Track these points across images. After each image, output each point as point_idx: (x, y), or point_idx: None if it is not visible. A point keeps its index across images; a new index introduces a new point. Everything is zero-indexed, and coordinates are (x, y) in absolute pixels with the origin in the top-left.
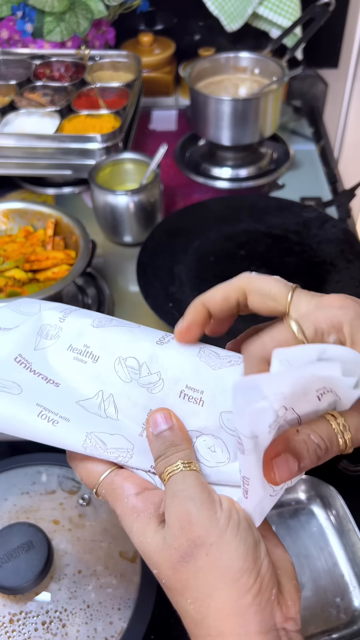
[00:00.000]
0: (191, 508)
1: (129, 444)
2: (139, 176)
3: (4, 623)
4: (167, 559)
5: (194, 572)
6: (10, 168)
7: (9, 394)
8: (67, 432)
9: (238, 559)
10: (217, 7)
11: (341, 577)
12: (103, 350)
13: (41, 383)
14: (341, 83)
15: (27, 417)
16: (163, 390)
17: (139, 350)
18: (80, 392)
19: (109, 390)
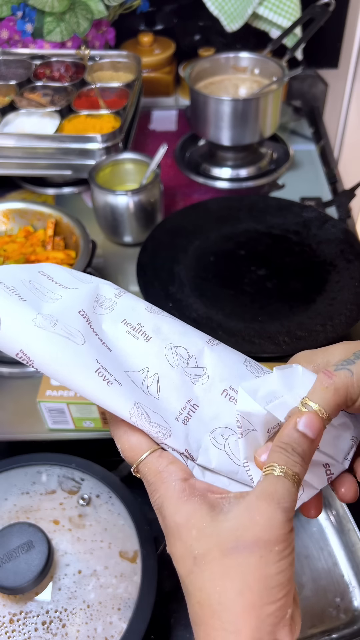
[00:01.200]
0: (279, 516)
1: (167, 425)
2: (139, 176)
3: (4, 623)
4: (222, 542)
5: (240, 564)
6: (10, 168)
7: (73, 342)
8: (118, 396)
9: (280, 574)
10: (217, 7)
11: (341, 577)
12: (156, 333)
13: (98, 342)
14: (341, 83)
15: (86, 370)
16: (206, 384)
17: (190, 343)
18: (128, 363)
19: (155, 369)
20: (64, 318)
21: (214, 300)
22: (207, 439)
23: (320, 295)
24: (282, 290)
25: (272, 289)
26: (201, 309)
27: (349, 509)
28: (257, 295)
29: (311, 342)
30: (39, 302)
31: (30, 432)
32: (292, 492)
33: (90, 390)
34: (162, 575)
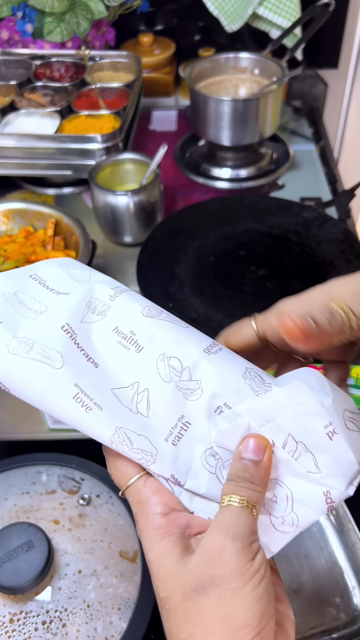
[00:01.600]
0: (228, 546)
1: (153, 448)
2: (139, 176)
3: (4, 623)
4: (182, 585)
5: (200, 607)
6: (11, 168)
7: (49, 366)
8: (99, 422)
9: (245, 613)
10: (217, 8)
11: (341, 577)
12: (149, 342)
13: (82, 359)
14: (341, 83)
15: (62, 397)
16: (200, 400)
17: (184, 353)
18: (116, 379)
19: (145, 384)
20: (43, 338)
21: (214, 300)
22: (198, 460)
23: None
24: (282, 290)
25: (272, 289)
26: (201, 309)
27: (349, 509)
28: (257, 296)
29: None
30: (18, 321)
31: (30, 432)
32: (241, 518)
33: (69, 417)
34: None
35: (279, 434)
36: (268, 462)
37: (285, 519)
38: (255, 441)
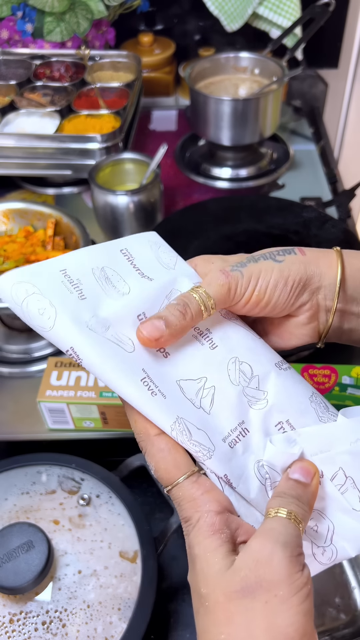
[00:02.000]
0: (278, 551)
1: (211, 444)
2: (139, 176)
3: (4, 623)
4: (226, 584)
5: (244, 610)
6: (11, 168)
7: (122, 349)
8: (161, 408)
9: (291, 625)
10: (217, 7)
11: (341, 577)
12: (223, 342)
13: (152, 349)
14: (341, 83)
15: (131, 378)
16: (264, 410)
17: (257, 361)
18: (184, 371)
19: (212, 382)
20: (119, 323)
21: None
22: (250, 468)
23: None
24: None
25: None
26: None
27: None
28: None
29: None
30: (101, 299)
31: (30, 432)
32: (289, 528)
33: (134, 399)
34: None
35: (330, 466)
36: (315, 487)
37: (325, 549)
38: (305, 466)
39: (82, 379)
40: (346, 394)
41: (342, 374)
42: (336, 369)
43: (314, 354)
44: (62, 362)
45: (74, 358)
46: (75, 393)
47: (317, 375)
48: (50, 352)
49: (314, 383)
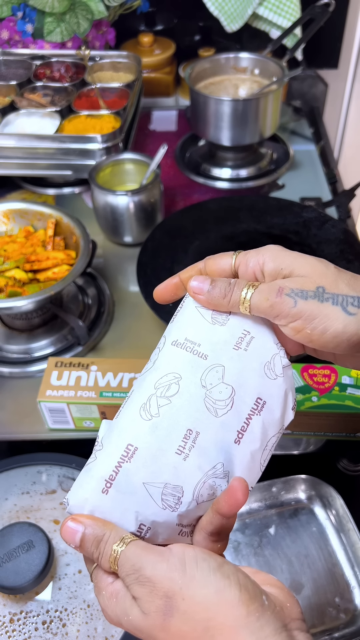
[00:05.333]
0: (146, 572)
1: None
2: (139, 176)
3: (4, 623)
4: (153, 625)
5: (182, 620)
6: (11, 168)
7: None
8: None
9: (210, 584)
10: (217, 8)
11: (341, 577)
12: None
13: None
14: (341, 83)
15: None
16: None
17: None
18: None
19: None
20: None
21: None
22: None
23: None
24: None
25: None
26: None
27: (348, 509)
28: None
29: None
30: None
31: (30, 432)
32: (137, 550)
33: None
34: None
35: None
36: (89, 517)
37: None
38: (70, 522)
39: (82, 379)
40: (346, 393)
41: (342, 374)
42: (336, 369)
43: None
44: (62, 362)
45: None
46: (75, 393)
47: (317, 375)
48: (50, 352)
49: (314, 383)
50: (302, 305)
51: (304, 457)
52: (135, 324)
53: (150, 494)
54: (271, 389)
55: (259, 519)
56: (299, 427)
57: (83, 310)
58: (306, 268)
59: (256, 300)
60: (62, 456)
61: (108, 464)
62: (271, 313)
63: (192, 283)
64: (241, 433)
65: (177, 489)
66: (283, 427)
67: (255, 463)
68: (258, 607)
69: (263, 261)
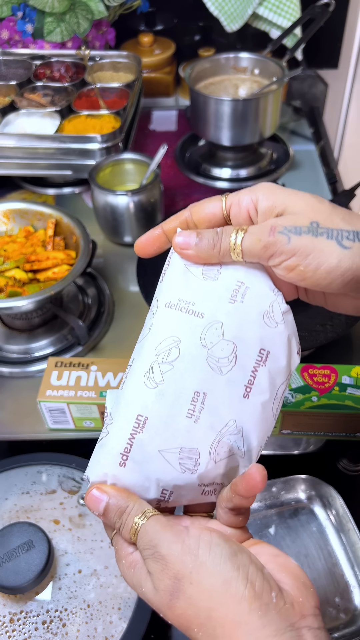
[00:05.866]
0: (162, 550)
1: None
2: (139, 176)
3: (4, 622)
4: (161, 602)
5: (187, 603)
6: (11, 168)
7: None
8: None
9: (219, 573)
10: (217, 8)
11: (341, 577)
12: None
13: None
14: (341, 83)
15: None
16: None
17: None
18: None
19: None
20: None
21: None
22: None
23: None
24: None
25: None
26: None
27: (348, 508)
28: None
29: (311, 342)
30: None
31: (30, 432)
32: (156, 526)
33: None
34: None
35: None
36: (113, 488)
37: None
38: (95, 490)
39: (82, 379)
40: (346, 393)
41: (342, 374)
42: (336, 369)
43: (314, 353)
44: (62, 362)
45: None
46: (75, 393)
47: (317, 375)
48: (50, 352)
49: (314, 383)
50: (295, 241)
51: (304, 457)
52: (135, 324)
53: (167, 460)
54: (273, 338)
55: (259, 518)
56: (299, 427)
57: (83, 310)
58: (300, 204)
59: (248, 243)
60: (62, 456)
61: (121, 437)
62: (265, 254)
63: (177, 239)
64: (249, 387)
65: (193, 451)
66: (291, 373)
67: (267, 414)
68: (262, 605)
69: (257, 199)
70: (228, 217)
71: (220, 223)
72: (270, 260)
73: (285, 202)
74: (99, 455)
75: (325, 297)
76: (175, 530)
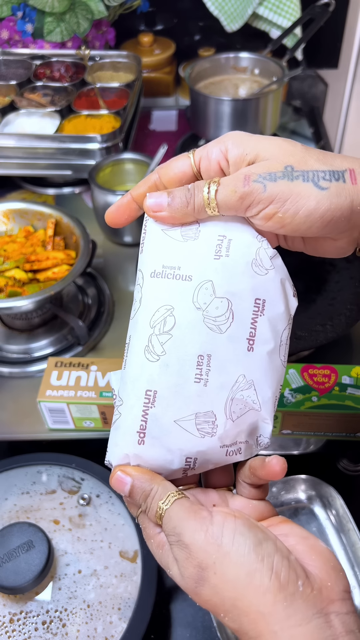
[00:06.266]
0: (185, 539)
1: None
2: (139, 176)
3: (4, 623)
4: (187, 588)
5: (212, 592)
6: (11, 168)
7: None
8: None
9: (243, 565)
10: (217, 8)
11: None
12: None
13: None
14: (341, 83)
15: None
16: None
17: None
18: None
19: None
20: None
21: None
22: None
23: (320, 296)
24: None
25: None
26: None
27: (348, 508)
28: None
29: (311, 342)
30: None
31: (30, 432)
32: (181, 511)
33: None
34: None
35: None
36: (136, 470)
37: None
38: (119, 473)
39: (82, 379)
40: (346, 393)
41: (342, 374)
42: (336, 368)
43: (314, 353)
44: (62, 362)
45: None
46: (75, 393)
47: (317, 375)
48: (50, 352)
49: (314, 383)
50: (271, 188)
51: (304, 457)
52: None
53: (185, 428)
54: (266, 285)
55: None
56: (299, 427)
57: (83, 310)
58: (271, 149)
59: (222, 195)
60: (62, 456)
61: (134, 415)
62: (241, 206)
63: (148, 202)
64: (251, 339)
65: (209, 414)
66: (291, 317)
67: (275, 362)
68: (287, 595)
69: (226, 148)
70: (199, 172)
71: (191, 181)
72: (247, 211)
73: (256, 148)
74: (115, 438)
75: (305, 242)
76: (198, 517)
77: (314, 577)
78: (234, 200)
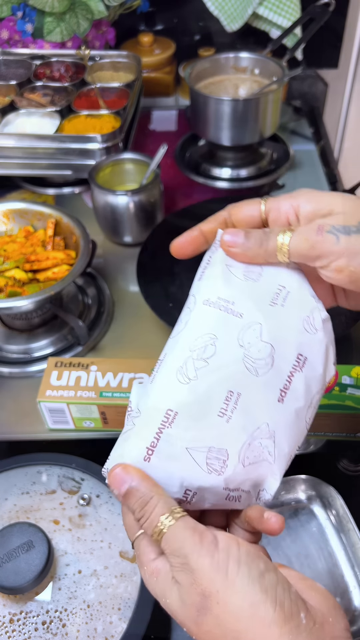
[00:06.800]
0: (191, 563)
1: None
2: (139, 176)
3: (4, 623)
4: (187, 616)
5: (214, 622)
6: (11, 168)
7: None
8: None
9: (246, 596)
10: (217, 7)
11: (341, 577)
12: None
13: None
14: (341, 83)
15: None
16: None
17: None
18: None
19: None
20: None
21: None
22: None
23: None
24: None
25: None
26: None
27: (348, 509)
28: None
29: None
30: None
31: (30, 432)
32: (185, 531)
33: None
34: None
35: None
36: (138, 473)
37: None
38: (120, 469)
39: (82, 379)
40: (346, 394)
41: (342, 374)
42: (336, 369)
43: None
44: (62, 362)
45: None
46: (75, 393)
47: None
48: (50, 352)
49: None
50: (345, 241)
51: (304, 457)
52: (135, 324)
53: (194, 458)
54: (312, 345)
55: None
56: None
57: (83, 310)
58: (346, 205)
59: (295, 243)
60: (62, 456)
61: (148, 430)
62: (312, 254)
63: (226, 237)
64: (284, 391)
65: (222, 452)
66: (326, 383)
67: (300, 422)
68: (293, 627)
69: (298, 204)
70: (266, 220)
71: (258, 226)
72: (317, 260)
73: (331, 204)
74: (121, 448)
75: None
76: (204, 541)
77: (315, 611)
78: (305, 248)
